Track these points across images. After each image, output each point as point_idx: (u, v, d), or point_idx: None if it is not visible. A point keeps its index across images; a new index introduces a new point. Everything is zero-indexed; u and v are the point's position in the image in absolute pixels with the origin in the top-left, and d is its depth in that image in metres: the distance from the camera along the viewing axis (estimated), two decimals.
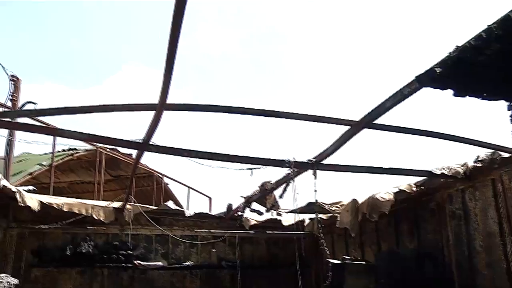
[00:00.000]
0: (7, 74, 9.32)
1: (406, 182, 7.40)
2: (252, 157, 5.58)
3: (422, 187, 7.20)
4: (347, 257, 7.42)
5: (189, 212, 9.66)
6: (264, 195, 7.57)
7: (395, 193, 7.20)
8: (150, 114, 4.76)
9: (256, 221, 9.72)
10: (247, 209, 8.66)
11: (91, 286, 8.77)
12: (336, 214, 8.50)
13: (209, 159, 5.51)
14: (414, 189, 7.25)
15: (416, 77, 3.62)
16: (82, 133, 5.00)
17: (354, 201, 7.78)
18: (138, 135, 5.32)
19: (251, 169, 5.94)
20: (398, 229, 8.06)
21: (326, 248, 6.14)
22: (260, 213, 8.58)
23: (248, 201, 8.25)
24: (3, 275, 5.66)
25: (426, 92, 3.95)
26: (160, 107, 4.29)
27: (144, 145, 5.09)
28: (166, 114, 4.64)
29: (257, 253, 10.28)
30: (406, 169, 6.39)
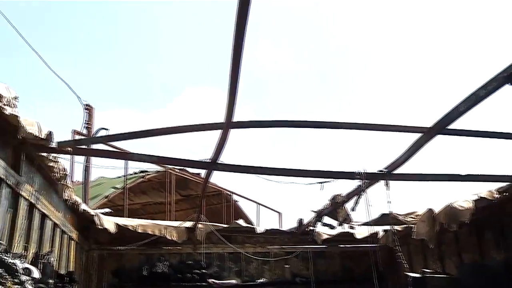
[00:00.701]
0: (82, 104, 9.82)
1: (486, 189, 6.96)
2: (321, 170, 5.48)
3: (506, 193, 6.74)
4: (426, 270, 7.08)
5: (260, 229, 9.63)
6: (335, 208, 7.41)
7: (475, 201, 6.79)
8: (217, 133, 4.81)
9: (328, 235, 9.53)
10: (319, 223, 8.50)
11: None
12: (411, 225, 8.15)
13: (276, 175, 5.47)
14: (496, 196, 6.80)
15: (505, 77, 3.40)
16: (151, 155, 5.12)
17: (430, 210, 7.43)
18: (205, 155, 5.39)
19: (321, 182, 5.83)
20: (481, 239, 7.58)
21: (404, 261, 5.89)
22: (332, 227, 8.40)
23: (319, 215, 8.10)
24: None
25: (504, 93, 3.74)
26: (227, 125, 4.32)
27: (213, 164, 5.14)
28: (232, 132, 4.67)
29: (331, 268, 10.06)
30: (487, 175, 6.03)
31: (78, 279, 6.67)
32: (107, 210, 8.80)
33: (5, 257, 2.85)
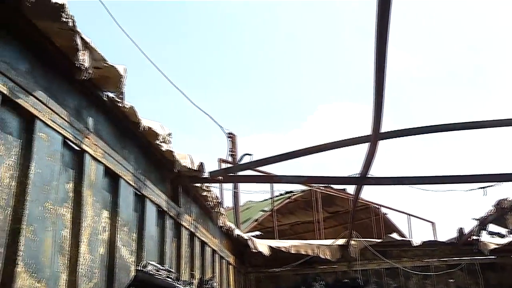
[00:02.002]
0: (225, 133, 10.27)
1: None
2: (483, 174, 4.99)
3: None
4: None
5: (416, 242, 9.06)
6: (502, 214, 6.69)
7: None
8: (361, 147, 4.65)
9: (497, 244, 8.60)
10: (483, 232, 7.75)
11: None
12: None
13: (432, 183, 5.10)
14: None
15: None
16: (298, 176, 5.12)
17: None
18: (348, 169, 5.25)
19: (483, 187, 5.31)
20: None
21: None
22: (501, 235, 7.60)
23: (482, 223, 7.40)
24: None
25: None
26: (374, 137, 4.14)
27: (363, 179, 4.97)
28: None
29: (506, 281, 9.01)
30: None
31: None
32: (257, 233, 9.01)
33: (177, 285, 3.00)
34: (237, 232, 7.49)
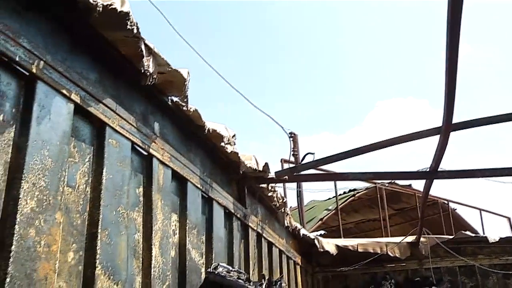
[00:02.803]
0: (286, 133, 10.24)
1: None
2: None
3: None
4: None
5: (493, 238, 8.58)
6: None
7: None
8: (414, 144, 4.45)
9: None
10: None
11: None
12: None
13: (506, 175, 4.81)
14: None
15: None
16: (365, 173, 5.00)
17: None
18: (411, 165, 5.05)
19: None
20: None
21: None
22: None
23: None
24: None
25: None
26: (446, 128, 3.94)
27: (433, 173, 4.76)
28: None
29: None
30: None
31: None
32: (322, 232, 8.89)
33: (248, 286, 2.99)
34: (303, 231, 7.43)
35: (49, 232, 2.10)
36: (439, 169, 4.68)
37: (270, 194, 5.51)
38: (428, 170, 4.78)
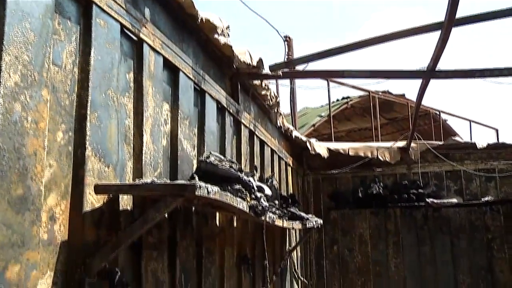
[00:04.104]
0: (281, 36, 10.00)
1: None
2: None
3: None
4: None
5: (481, 144, 8.70)
6: None
7: None
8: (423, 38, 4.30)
9: None
10: None
11: (385, 226, 8.88)
12: None
13: (507, 75, 4.72)
14: None
15: None
16: (362, 71, 4.89)
17: None
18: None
19: None
20: None
21: None
22: None
23: None
24: (309, 216, 6.12)
25: None
26: (449, 22, 3.78)
27: (431, 73, 4.66)
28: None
29: None
30: None
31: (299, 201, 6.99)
32: (313, 140, 8.97)
33: (240, 175, 3.01)
34: (295, 133, 7.47)
35: (36, 108, 2.04)
36: (436, 69, 4.58)
37: (263, 92, 5.44)
38: (425, 69, 4.69)
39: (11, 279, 1.85)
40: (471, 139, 14.81)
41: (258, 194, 3.16)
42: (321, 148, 8.40)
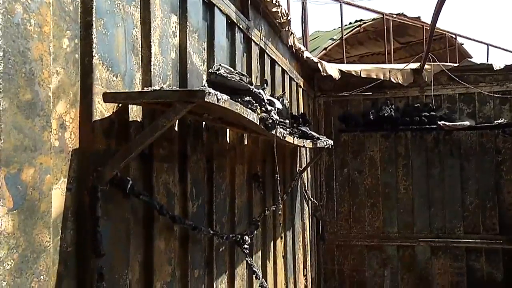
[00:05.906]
0: None
1: None
2: None
3: None
4: None
5: (498, 66, 8.42)
6: None
7: None
8: None
9: None
10: None
11: (395, 149, 8.89)
12: None
13: None
14: None
15: None
16: None
17: None
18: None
19: None
20: None
21: None
22: None
23: None
24: (323, 137, 6.12)
25: None
26: None
27: None
28: None
29: None
30: None
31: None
32: (324, 62, 8.78)
33: (250, 87, 2.96)
34: (306, 54, 7.31)
35: (39, 11, 1.97)
36: None
37: (274, 9, 5.26)
38: None
39: (27, 181, 1.88)
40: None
41: (269, 107, 3.13)
42: (332, 69, 8.24)
